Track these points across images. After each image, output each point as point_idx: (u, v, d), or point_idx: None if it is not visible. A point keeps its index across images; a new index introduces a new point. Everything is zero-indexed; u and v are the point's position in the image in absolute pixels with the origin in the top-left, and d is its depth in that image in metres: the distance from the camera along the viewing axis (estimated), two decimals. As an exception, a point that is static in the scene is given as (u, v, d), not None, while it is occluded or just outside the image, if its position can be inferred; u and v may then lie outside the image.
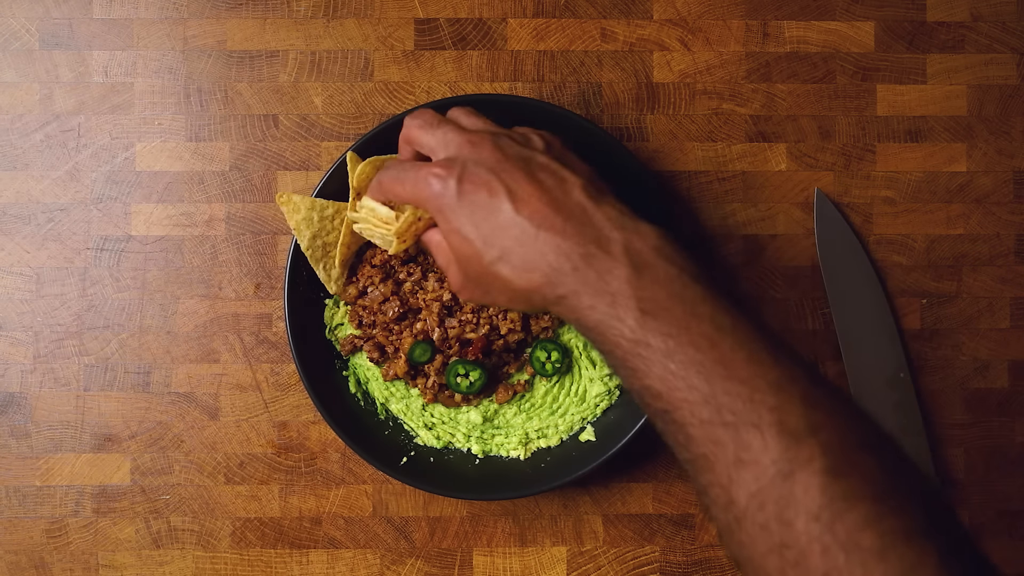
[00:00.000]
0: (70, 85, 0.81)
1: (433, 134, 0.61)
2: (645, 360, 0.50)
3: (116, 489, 0.80)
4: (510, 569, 0.81)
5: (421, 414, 0.80)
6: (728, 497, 0.48)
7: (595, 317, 0.52)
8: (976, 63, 0.83)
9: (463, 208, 0.57)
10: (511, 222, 0.55)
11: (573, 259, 0.53)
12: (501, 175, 0.56)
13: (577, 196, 0.56)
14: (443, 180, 0.57)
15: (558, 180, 0.57)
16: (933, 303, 0.83)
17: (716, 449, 0.48)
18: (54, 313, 0.80)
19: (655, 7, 0.82)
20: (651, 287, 0.51)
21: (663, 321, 0.50)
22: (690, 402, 0.49)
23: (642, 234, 0.54)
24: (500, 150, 0.58)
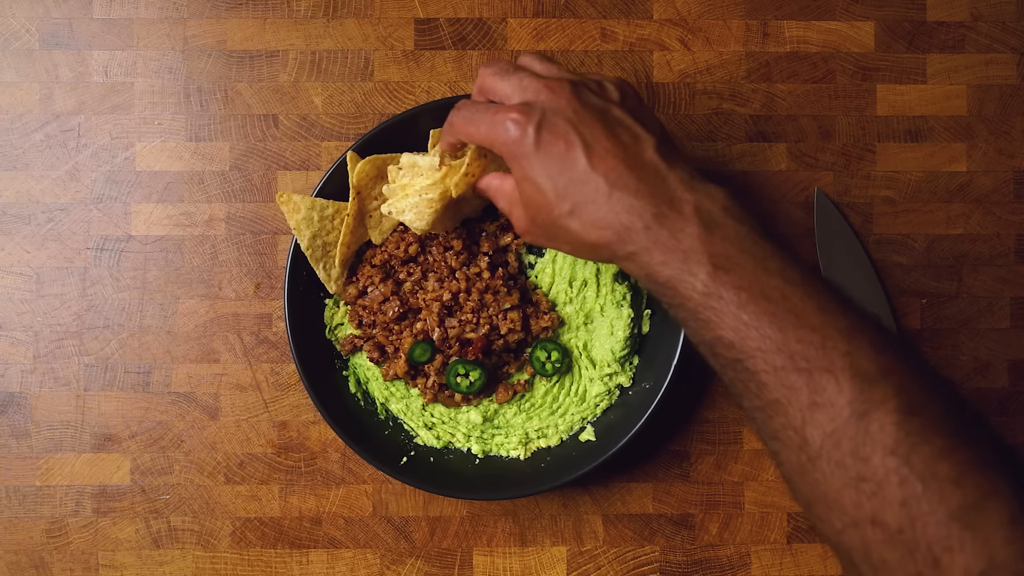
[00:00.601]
0: (70, 85, 0.81)
1: (508, 80, 0.60)
2: (717, 312, 0.52)
3: (116, 489, 0.80)
4: (510, 569, 0.81)
5: (421, 414, 0.80)
6: (802, 438, 0.50)
7: (667, 272, 0.54)
8: (976, 63, 0.83)
9: (540, 157, 0.57)
10: (586, 177, 0.56)
11: (645, 218, 0.55)
12: (579, 127, 0.57)
13: (650, 155, 0.57)
14: (521, 126, 0.57)
15: (633, 137, 0.58)
16: (933, 303, 0.83)
17: (790, 394, 0.50)
18: (54, 313, 0.80)
19: (655, 7, 0.82)
20: (721, 244, 0.53)
21: (735, 275, 0.52)
22: (763, 350, 0.51)
23: (711, 195, 0.56)
24: (578, 99, 0.58)
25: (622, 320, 0.78)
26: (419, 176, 0.70)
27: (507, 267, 0.79)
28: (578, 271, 0.79)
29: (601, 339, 0.79)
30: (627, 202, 0.55)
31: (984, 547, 0.45)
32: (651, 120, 0.60)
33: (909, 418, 0.47)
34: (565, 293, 0.79)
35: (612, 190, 0.56)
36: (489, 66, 0.62)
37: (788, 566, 0.82)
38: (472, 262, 0.77)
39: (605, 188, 0.56)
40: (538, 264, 0.81)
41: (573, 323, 0.79)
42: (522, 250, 0.80)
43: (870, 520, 0.48)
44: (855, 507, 0.48)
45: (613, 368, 0.78)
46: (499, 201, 0.64)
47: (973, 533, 0.45)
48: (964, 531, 0.45)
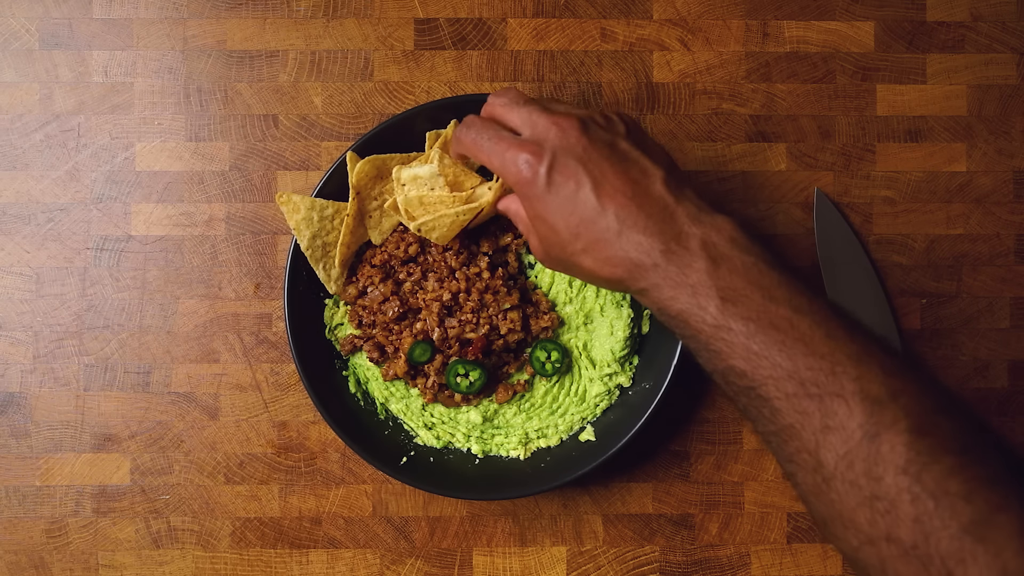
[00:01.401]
0: (70, 85, 0.81)
1: (518, 113, 0.62)
2: (728, 343, 0.54)
3: (116, 489, 0.80)
4: (510, 569, 0.81)
5: (421, 414, 0.80)
6: (816, 460, 0.51)
7: (677, 307, 0.56)
8: (976, 63, 0.83)
9: (551, 198, 0.59)
10: (596, 216, 0.58)
11: (654, 255, 0.57)
12: (588, 165, 0.58)
13: (658, 189, 0.58)
14: (533, 168, 0.59)
15: (642, 171, 0.59)
16: (933, 303, 0.83)
17: (803, 419, 0.52)
18: (54, 313, 0.80)
19: (655, 7, 0.82)
20: (729, 276, 0.55)
21: (743, 306, 0.54)
22: (775, 378, 0.53)
23: (718, 227, 0.57)
24: (587, 136, 0.59)
25: (622, 320, 0.78)
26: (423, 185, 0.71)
27: (507, 267, 0.79)
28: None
29: (601, 339, 0.79)
30: (636, 240, 0.57)
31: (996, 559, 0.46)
32: (657, 151, 0.62)
33: (919, 438, 0.49)
34: (565, 293, 0.79)
35: (622, 228, 0.57)
36: (498, 96, 0.64)
37: (788, 566, 0.82)
38: (472, 262, 0.77)
39: (616, 226, 0.58)
40: (538, 264, 0.81)
41: (573, 323, 0.79)
42: (522, 250, 0.80)
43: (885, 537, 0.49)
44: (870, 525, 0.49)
45: (613, 368, 0.78)
46: (518, 224, 0.65)
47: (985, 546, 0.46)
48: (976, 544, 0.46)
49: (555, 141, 0.59)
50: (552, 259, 0.63)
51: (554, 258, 0.62)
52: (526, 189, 0.60)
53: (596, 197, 0.58)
